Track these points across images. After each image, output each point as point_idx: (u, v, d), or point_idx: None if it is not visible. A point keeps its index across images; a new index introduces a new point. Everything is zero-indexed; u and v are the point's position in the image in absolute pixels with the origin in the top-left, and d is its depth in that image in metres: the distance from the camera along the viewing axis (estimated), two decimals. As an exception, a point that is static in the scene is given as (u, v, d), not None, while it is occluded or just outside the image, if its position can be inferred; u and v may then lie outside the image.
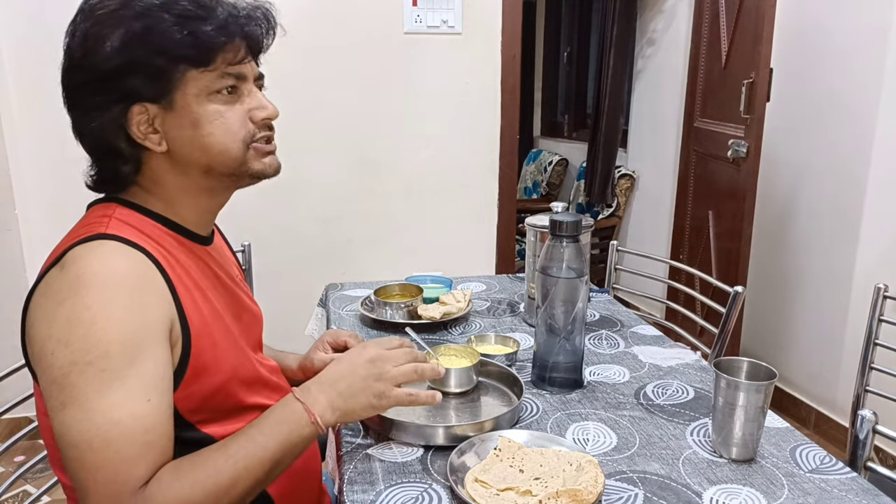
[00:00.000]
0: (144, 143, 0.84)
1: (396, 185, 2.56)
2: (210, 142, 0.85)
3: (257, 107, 0.88)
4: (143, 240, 0.83)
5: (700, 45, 2.88)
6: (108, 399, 0.73)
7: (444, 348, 1.17)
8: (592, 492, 0.82)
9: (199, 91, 0.83)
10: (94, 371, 0.73)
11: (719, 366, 0.95)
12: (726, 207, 2.61)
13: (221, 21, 0.82)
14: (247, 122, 0.87)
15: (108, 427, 0.73)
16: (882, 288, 1.51)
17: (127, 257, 0.79)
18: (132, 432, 0.74)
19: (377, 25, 2.40)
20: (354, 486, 0.88)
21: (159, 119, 0.84)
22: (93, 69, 0.80)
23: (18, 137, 2.24)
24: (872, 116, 2.26)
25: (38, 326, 0.76)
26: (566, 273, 1.11)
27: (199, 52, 0.81)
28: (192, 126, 0.84)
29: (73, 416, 0.73)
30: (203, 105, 0.84)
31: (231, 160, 0.87)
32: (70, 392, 0.73)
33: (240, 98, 0.87)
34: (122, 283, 0.76)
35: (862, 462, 1.13)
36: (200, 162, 0.86)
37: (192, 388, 0.84)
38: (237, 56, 0.84)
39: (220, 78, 0.84)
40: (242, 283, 1.06)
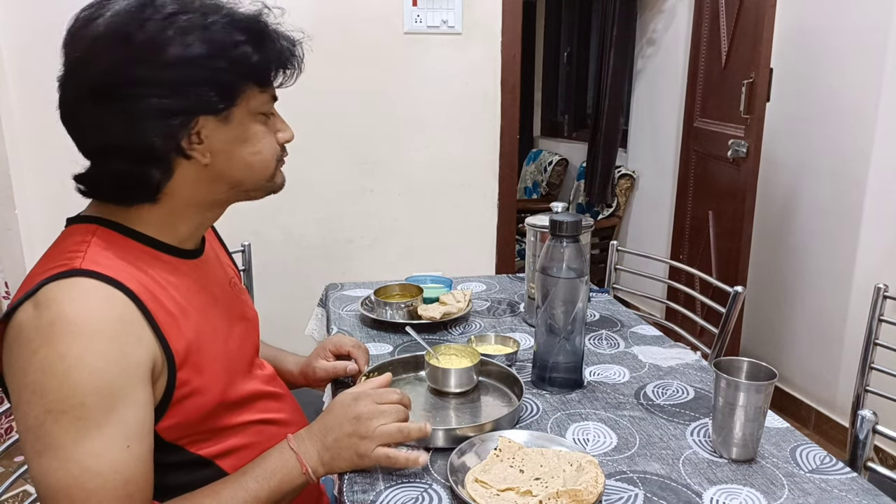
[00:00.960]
0: (194, 153, 0.82)
1: (396, 185, 2.56)
2: (256, 160, 0.88)
3: (282, 129, 0.93)
4: (123, 269, 0.78)
5: (700, 45, 2.88)
6: (86, 448, 0.71)
7: (445, 348, 1.17)
8: (593, 492, 0.82)
9: (252, 109, 0.86)
10: (69, 419, 0.71)
11: (719, 366, 0.95)
12: (726, 207, 2.61)
13: (281, 46, 0.86)
14: (276, 143, 0.92)
15: (87, 478, 0.71)
16: (882, 288, 1.51)
17: (103, 299, 0.75)
18: (112, 484, 0.72)
19: (377, 25, 2.40)
20: (354, 486, 0.88)
21: (213, 132, 0.82)
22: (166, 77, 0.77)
23: (18, 138, 2.24)
24: (872, 116, 2.26)
25: (12, 373, 0.74)
26: (566, 273, 1.11)
27: (264, 73, 0.85)
28: (241, 142, 0.86)
29: (49, 465, 0.71)
30: (255, 123, 0.88)
31: (266, 177, 0.91)
32: (46, 440, 0.71)
33: (269, 121, 0.91)
34: (98, 331, 0.73)
35: (862, 462, 1.13)
36: (236, 177, 0.88)
37: (179, 414, 0.83)
38: (288, 80, 0.90)
39: (270, 100, 0.89)
40: (237, 288, 1.04)
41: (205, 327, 0.88)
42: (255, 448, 0.94)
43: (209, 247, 1.00)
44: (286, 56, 0.87)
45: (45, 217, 2.30)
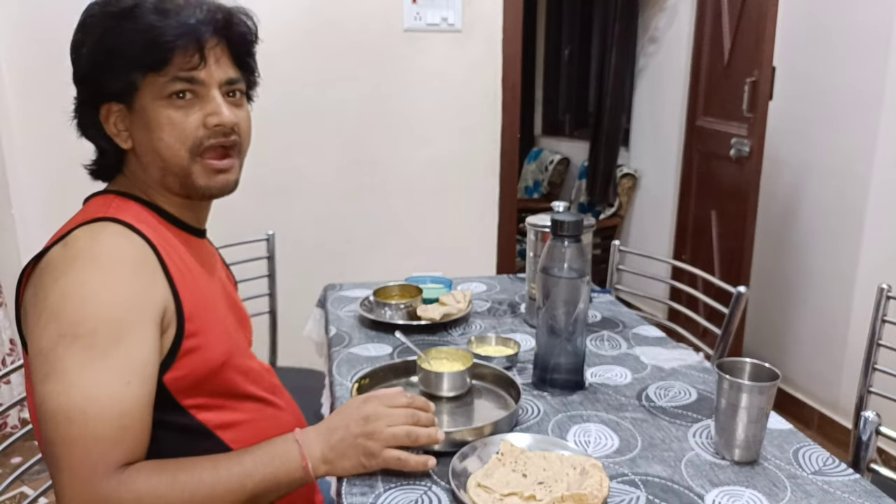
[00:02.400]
0: (116, 139, 0.89)
1: (396, 184, 2.55)
2: (160, 146, 0.88)
3: (211, 112, 0.88)
4: (142, 226, 0.85)
5: (702, 44, 2.87)
6: (89, 376, 0.75)
7: (436, 351, 1.16)
8: (598, 496, 0.81)
9: (154, 95, 0.86)
10: (79, 346, 0.75)
11: (722, 367, 0.94)
12: (729, 207, 2.60)
13: (174, 27, 0.84)
14: (198, 130, 0.88)
15: (85, 403, 0.74)
16: (886, 288, 1.50)
17: (127, 239, 0.82)
18: (108, 412, 0.75)
19: (376, 23, 2.40)
20: (353, 488, 0.87)
21: (123, 119, 0.89)
22: (75, 71, 0.88)
23: (15, 138, 2.24)
24: (876, 115, 2.24)
25: (35, 300, 0.78)
26: (567, 273, 1.10)
27: (150, 57, 0.84)
28: (146, 129, 0.87)
29: (52, 388, 0.74)
30: (157, 108, 0.86)
31: (178, 169, 0.89)
32: (53, 364, 0.74)
33: (196, 104, 0.88)
34: (119, 264, 0.79)
35: (865, 464, 1.12)
36: (156, 165, 0.89)
37: (186, 367, 0.85)
38: (190, 61, 0.85)
39: (172, 82, 0.85)
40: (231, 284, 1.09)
41: (207, 295, 0.92)
42: (254, 425, 0.95)
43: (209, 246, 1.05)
44: (184, 34, 0.84)
45: (42, 217, 2.29)
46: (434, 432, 0.91)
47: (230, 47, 0.91)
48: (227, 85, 0.91)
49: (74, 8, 0.88)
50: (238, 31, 0.92)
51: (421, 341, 1.34)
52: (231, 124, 0.90)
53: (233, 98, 0.92)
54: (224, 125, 0.89)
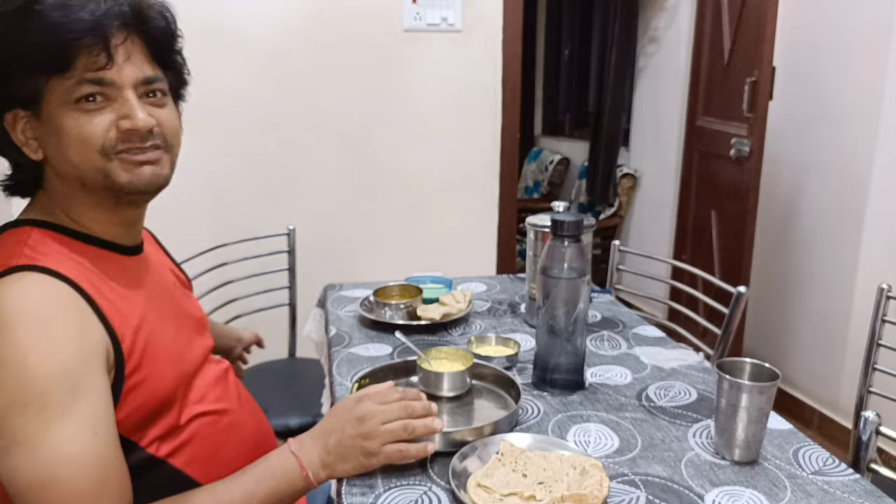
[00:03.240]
0: (25, 149, 0.82)
1: (396, 184, 2.55)
2: (69, 153, 0.80)
3: (124, 115, 0.80)
4: (63, 263, 0.78)
5: (702, 43, 2.87)
6: (53, 437, 0.70)
7: (436, 351, 1.16)
8: (598, 496, 0.81)
9: (61, 100, 0.79)
10: (32, 411, 0.69)
11: (722, 367, 0.94)
12: (729, 207, 2.60)
13: (76, 23, 0.76)
14: (109, 132, 0.80)
15: (58, 465, 0.70)
16: (886, 288, 1.50)
17: (48, 288, 0.74)
18: (84, 468, 0.71)
19: (376, 23, 2.39)
20: (353, 488, 0.87)
21: (31, 128, 0.81)
22: None
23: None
24: (876, 115, 2.24)
25: None
26: (567, 273, 1.10)
27: (53, 59, 0.76)
28: (56, 137, 0.80)
29: (18, 461, 0.69)
30: (65, 115, 0.79)
31: (94, 173, 0.81)
32: (11, 435, 0.69)
33: (108, 107, 0.80)
34: (49, 317, 0.72)
35: (865, 464, 1.13)
36: (71, 175, 0.82)
37: (133, 403, 0.81)
38: (97, 61, 0.78)
39: (79, 85, 0.78)
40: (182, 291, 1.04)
41: (149, 318, 0.86)
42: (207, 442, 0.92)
43: (149, 251, 0.99)
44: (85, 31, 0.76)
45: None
46: (431, 422, 0.89)
47: (147, 43, 0.84)
48: (143, 85, 0.83)
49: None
50: (153, 24, 0.83)
51: (421, 341, 1.34)
52: (147, 127, 0.82)
53: (152, 98, 0.84)
54: (138, 129, 0.81)
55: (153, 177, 0.84)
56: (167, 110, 0.87)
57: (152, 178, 0.84)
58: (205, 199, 2.37)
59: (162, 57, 0.86)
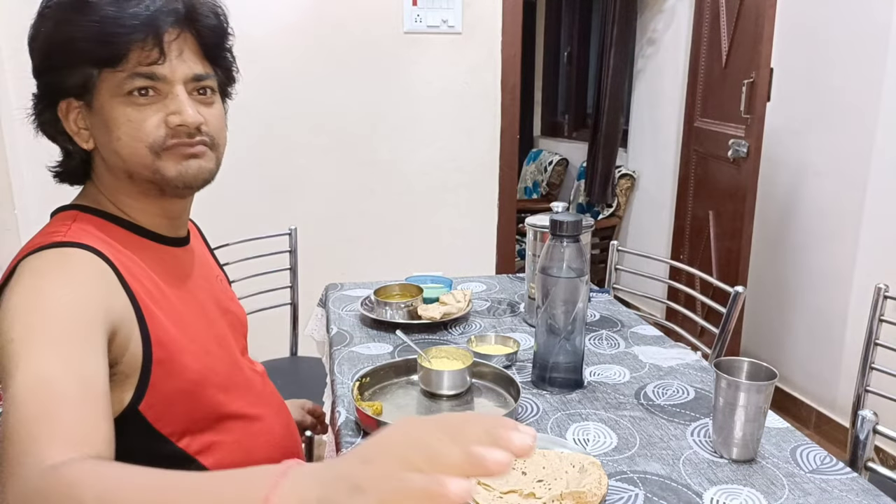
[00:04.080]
0: (76, 138, 0.84)
1: (396, 185, 2.56)
2: (119, 146, 0.82)
3: (174, 111, 0.82)
4: (103, 244, 0.80)
5: (700, 45, 2.88)
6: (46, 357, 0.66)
7: (436, 350, 1.17)
8: (597, 494, 0.81)
9: (112, 92, 0.80)
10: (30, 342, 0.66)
11: (720, 366, 0.95)
12: (727, 207, 2.61)
13: (130, 18, 0.77)
14: (160, 128, 0.82)
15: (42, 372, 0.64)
16: (882, 288, 1.51)
17: (79, 255, 0.76)
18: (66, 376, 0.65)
19: (377, 25, 2.40)
20: (354, 486, 0.88)
21: (83, 117, 0.83)
22: (32, 65, 0.84)
23: (18, 137, 2.24)
24: (873, 116, 2.25)
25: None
26: (566, 273, 1.10)
27: (107, 52, 0.78)
28: (105, 128, 0.82)
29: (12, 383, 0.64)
30: (115, 106, 0.81)
31: (142, 167, 0.83)
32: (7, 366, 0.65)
33: (159, 101, 0.82)
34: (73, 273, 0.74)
35: (862, 462, 1.13)
36: (119, 166, 0.84)
37: (159, 392, 0.81)
38: (149, 56, 0.79)
39: (130, 78, 0.79)
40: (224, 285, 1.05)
41: (182, 310, 0.87)
42: (237, 445, 0.91)
43: (195, 243, 1.01)
44: (140, 27, 0.78)
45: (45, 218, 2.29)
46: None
47: (198, 40, 0.85)
48: (193, 82, 0.84)
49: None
50: (206, 22, 0.85)
51: (421, 340, 1.35)
52: (195, 124, 0.83)
53: (202, 96, 0.86)
54: (187, 125, 0.82)
55: (199, 171, 0.86)
56: (215, 108, 0.88)
57: (198, 172, 0.86)
58: (206, 200, 2.37)
59: (212, 54, 0.87)
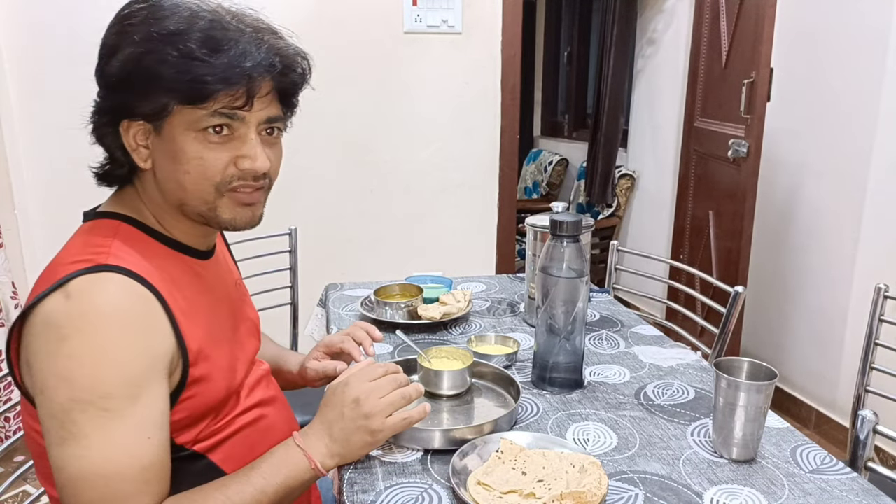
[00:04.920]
0: (133, 154, 0.84)
1: (396, 184, 2.56)
2: (185, 179, 0.83)
3: (245, 155, 0.83)
4: (145, 265, 0.81)
5: (700, 45, 2.88)
6: (108, 437, 0.74)
7: (436, 350, 1.17)
8: (597, 494, 0.81)
9: (187, 125, 0.81)
10: (94, 410, 0.73)
11: (720, 366, 0.95)
12: (726, 207, 2.61)
13: (223, 66, 0.78)
14: (228, 168, 0.83)
15: (106, 465, 0.73)
16: (883, 288, 1.51)
17: (131, 294, 0.77)
18: (130, 470, 0.74)
19: (377, 25, 2.40)
20: (354, 486, 0.88)
21: (147, 139, 0.83)
22: (101, 74, 0.82)
23: (18, 138, 2.24)
24: (873, 116, 2.25)
25: (38, 358, 0.75)
26: (566, 273, 1.10)
27: (192, 93, 0.78)
28: (172, 157, 0.82)
29: (71, 453, 0.73)
30: (188, 140, 0.81)
31: (202, 203, 0.85)
32: (70, 429, 0.73)
33: (231, 141, 0.83)
34: (128, 324, 0.76)
35: (862, 462, 1.13)
36: (177, 194, 0.85)
37: (187, 409, 0.85)
38: (235, 101, 0.80)
39: (210, 116, 0.80)
40: (242, 289, 1.06)
41: (213, 326, 0.89)
42: (242, 440, 0.94)
43: (218, 250, 1.02)
44: (231, 77, 0.78)
45: (45, 218, 2.29)
46: (418, 386, 0.93)
47: (280, 88, 0.87)
48: (266, 123, 0.86)
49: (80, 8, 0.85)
50: (293, 77, 0.87)
51: (421, 340, 1.35)
52: (265, 170, 0.85)
53: (269, 136, 0.87)
54: (256, 171, 0.84)
55: (251, 219, 0.89)
56: (278, 149, 0.90)
57: (250, 219, 0.89)
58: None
59: (288, 100, 0.90)
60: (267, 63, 0.81)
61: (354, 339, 1.16)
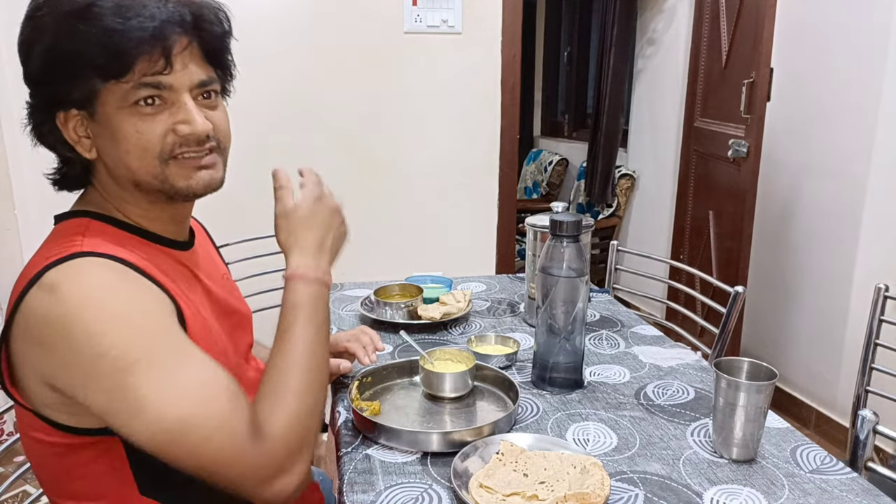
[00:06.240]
0: (77, 147, 0.82)
1: (396, 185, 2.56)
2: (127, 158, 0.80)
3: (182, 120, 0.81)
4: (122, 251, 0.79)
5: (700, 45, 2.88)
6: (182, 373, 0.73)
7: (440, 352, 1.17)
8: (601, 495, 0.81)
9: (117, 103, 0.78)
10: (145, 365, 0.71)
11: (720, 366, 0.95)
12: (726, 207, 2.61)
13: (137, 30, 0.75)
14: (167, 137, 0.81)
15: (202, 389, 0.73)
16: (882, 288, 1.51)
17: (112, 268, 0.76)
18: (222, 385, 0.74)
19: (377, 25, 2.40)
20: (354, 486, 0.88)
21: (85, 127, 0.81)
22: (26, 75, 0.81)
23: (18, 137, 2.24)
24: (873, 116, 2.25)
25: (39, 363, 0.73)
26: (566, 273, 1.10)
27: (111, 64, 0.76)
28: (112, 139, 0.80)
29: (159, 406, 0.70)
30: (122, 118, 0.79)
31: (151, 178, 0.82)
32: (135, 394, 0.70)
33: (165, 110, 0.80)
34: (123, 288, 0.74)
35: (862, 462, 1.13)
36: (126, 176, 0.82)
37: None
38: (155, 66, 0.77)
39: (136, 89, 0.78)
40: (230, 284, 1.04)
41: (195, 313, 0.87)
42: None
43: (199, 243, 1.00)
44: (145, 37, 0.75)
45: (45, 218, 2.29)
46: None
47: (203, 47, 0.83)
48: (199, 88, 0.83)
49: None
50: (211, 29, 0.83)
51: (421, 340, 1.35)
52: (205, 132, 0.82)
53: (207, 100, 0.85)
54: (197, 134, 0.82)
55: (210, 181, 0.86)
56: (220, 111, 0.88)
57: (209, 182, 0.86)
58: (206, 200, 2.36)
59: (216, 58, 0.86)
60: (177, 17, 0.78)
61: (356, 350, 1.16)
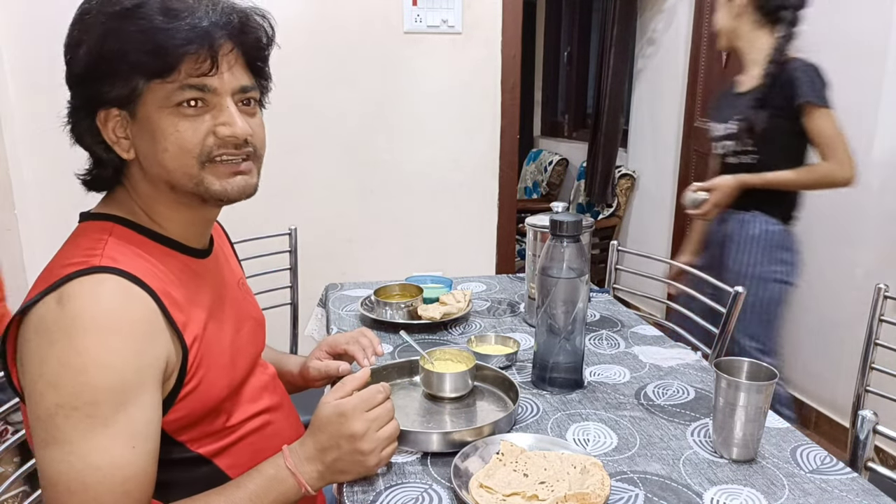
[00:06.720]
0: (115, 147, 0.83)
1: (396, 185, 2.56)
2: (165, 158, 0.81)
3: (223, 122, 0.82)
4: (140, 265, 0.80)
5: (700, 45, 2.88)
6: (91, 444, 0.72)
7: (440, 352, 1.17)
8: (601, 495, 0.81)
9: (160, 103, 0.79)
10: (79, 416, 0.72)
11: (720, 366, 0.95)
12: (726, 207, 2.60)
13: (184, 30, 0.77)
14: (207, 139, 0.82)
15: (87, 472, 0.72)
16: (882, 288, 1.51)
17: (124, 297, 0.76)
18: (111, 480, 0.73)
19: (377, 25, 2.40)
20: (354, 486, 0.88)
21: (124, 127, 0.82)
22: (70, 74, 0.82)
23: (18, 137, 2.24)
24: (872, 117, 2.25)
25: (29, 361, 0.74)
26: (566, 273, 1.10)
27: (156, 63, 0.77)
28: (151, 139, 0.81)
29: (53, 456, 0.72)
30: (163, 118, 0.80)
31: (187, 179, 0.83)
32: (53, 433, 0.72)
33: (209, 112, 0.82)
34: (118, 329, 0.74)
35: (862, 462, 1.13)
36: (162, 177, 0.83)
37: (185, 408, 0.84)
38: (201, 67, 0.79)
39: (181, 90, 0.79)
40: (245, 288, 1.05)
41: (212, 324, 0.88)
42: (250, 447, 0.93)
43: (218, 247, 1.01)
44: (193, 39, 0.77)
45: (45, 218, 2.30)
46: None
47: (244, 52, 0.85)
48: (240, 93, 0.84)
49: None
50: (254, 35, 0.85)
51: (421, 340, 1.35)
52: (245, 135, 0.83)
53: (246, 107, 0.86)
54: (237, 137, 0.83)
55: (245, 186, 0.86)
56: (258, 119, 0.89)
57: (244, 187, 0.86)
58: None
59: (257, 66, 0.88)
60: (224, 20, 0.80)
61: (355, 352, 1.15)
